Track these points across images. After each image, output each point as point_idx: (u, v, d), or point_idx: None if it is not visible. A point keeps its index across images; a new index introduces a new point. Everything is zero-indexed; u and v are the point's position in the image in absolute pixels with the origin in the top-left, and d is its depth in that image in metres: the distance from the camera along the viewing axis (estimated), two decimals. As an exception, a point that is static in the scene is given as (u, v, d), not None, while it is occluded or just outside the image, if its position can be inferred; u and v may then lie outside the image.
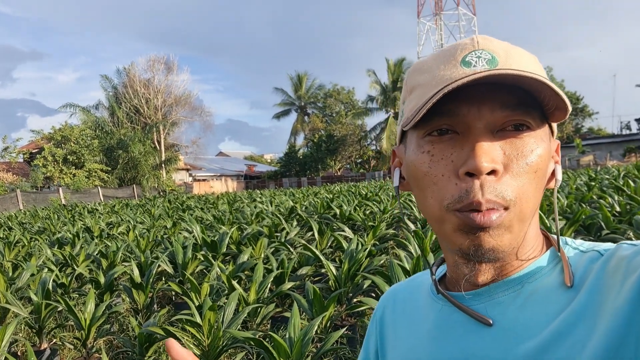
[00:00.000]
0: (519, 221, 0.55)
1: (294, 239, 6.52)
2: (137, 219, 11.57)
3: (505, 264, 0.59)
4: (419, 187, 0.60)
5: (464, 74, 0.54)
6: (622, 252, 0.53)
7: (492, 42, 0.57)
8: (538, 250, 0.62)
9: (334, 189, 18.98)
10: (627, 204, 6.06)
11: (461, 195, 0.54)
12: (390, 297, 0.80)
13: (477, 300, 0.61)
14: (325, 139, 48.71)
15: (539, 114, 0.57)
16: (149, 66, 41.15)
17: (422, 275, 0.79)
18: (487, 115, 0.55)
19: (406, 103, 0.62)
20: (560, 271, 0.58)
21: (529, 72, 0.51)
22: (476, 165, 0.53)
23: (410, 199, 9.66)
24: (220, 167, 58.05)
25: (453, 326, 0.62)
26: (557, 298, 0.55)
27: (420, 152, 0.59)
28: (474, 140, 0.55)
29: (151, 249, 6.79)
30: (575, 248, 0.61)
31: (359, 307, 3.69)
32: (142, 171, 34.85)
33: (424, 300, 0.71)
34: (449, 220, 0.56)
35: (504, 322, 0.57)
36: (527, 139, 0.56)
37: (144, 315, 4.53)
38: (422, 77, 0.60)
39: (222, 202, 16.62)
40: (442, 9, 60.21)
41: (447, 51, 0.59)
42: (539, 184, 0.57)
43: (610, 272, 0.52)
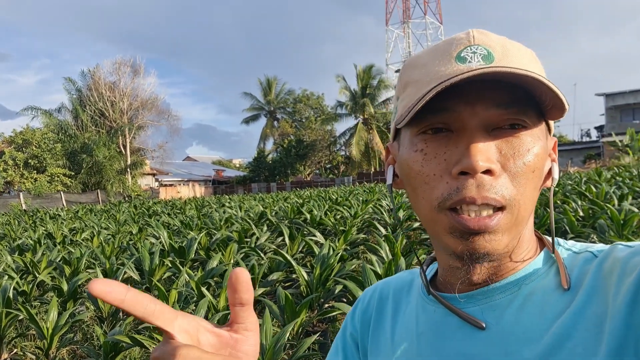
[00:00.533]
0: (516, 223, 0.54)
1: (264, 244, 6.45)
2: (101, 225, 11.28)
3: (501, 265, 0.58)
4: (411, 186, 0.58)
5: (458, 71, 0.52)
6: (617, 253, 0.52)
7: (489, 37, 0.56)
8: (533, 251, 0.60)
9: (304, 194, 18.95)
10: (590, 209, 6.23)
11: (450, 192, 0.53)
12: (377, 291, 0.78)
13: (472, 303, 0.59)
14: (294, 144, 48.68)
15: (535, 112, 0.55)
16: (115, 69, 40.37)
17: (411, 273, 0.76)
18: (482, 114, 0.53)
19: (400, 99, 0.61)
20: (556, 273, 0.56)
21: (525, 69, 0.49)
22: (471, 163, 0.51)
23: (380, 204, 9.72)
24: (188, 172, 57.28)
25: (447, 329, 0.60)
26: (555, 300, 0.54)
27: (413, 150, 0.57)
28: (468, 139, 0.53)
29: (116, 256, 6.62)
30: (568, 249, 0.60)
31: (331, 313, 3.66)
32: (106, 176, 34.10)
33: (414, 301, 0.69)
34: (440, 221, 0.55)
35: (502, 326, 0.55)
36: (524, 138, 0.54)
37: (109, 324, 4.39)
38: (416, 73, 0.58)
39: (190, 208, 16.38)
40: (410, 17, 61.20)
41: (442, 46, 0.57)
42: (536, 184, 0.56)
43: (606, 273, 0.51)
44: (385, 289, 0.77)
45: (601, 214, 5.53)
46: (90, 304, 4.82)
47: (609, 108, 38.92)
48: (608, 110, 39.06)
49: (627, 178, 11.48)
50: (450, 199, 0.53)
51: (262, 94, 53.29)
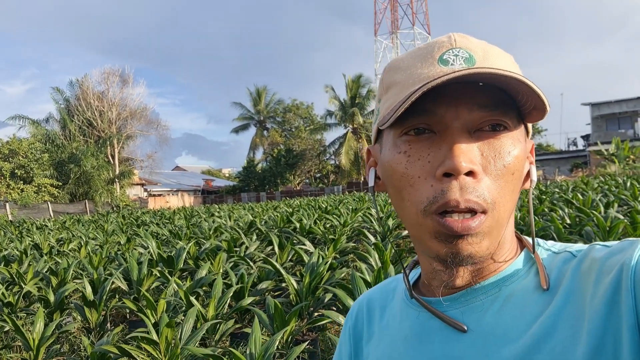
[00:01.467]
0: (497, 225, 0.55)
1: (253, 254, 6.43)
2: (89, 235, 11.16)
3: (483, 267, 0.59)
4: (395, 189, 0.59)
5: (441, 73, 0.53)
6: (595, 253, 0.53)
7: (470, 40, 0.57)
8: (513, 252, 0.61)
9: (294, 203, 18.92)
10: (577, 217, 6.28)
11: (436, 195, 0.53)
12: (364, 304, 0.78)
13: (454, 306, 0.60)
14: (284, 153, 48.64)
15: (515, 114, 0.56)
16: (104, 78, 40.21)
17: (395, 280, 0.77)
18: (464, 115, 0.54)
19: (382, 101, 0.61)
20: (536, 273, 0.57)
21: (507, 70, 0.50)
22: (454, 165, 0.51)
23: (369, 213, 9.73)
24: (177, 181, 56.93)
25: (431, 333, 0.61)
26: (535, 301, 0.54)
27: (397, 152, 0.57)
28: (451, 140, 0.53)
29: (104, 266, 6.55)
30: (548, 249, 0.60)
31: (321, 321, 3.65)
32: (94, 186, 33.78)
33: (398, 306, 0.69)
34: (425, 225, 0.55)
35: (483, 328, 0.56)
36: (505, 140, 0.55)
37: (96, 334, 4.34)
38: (398, 75, 0.58)
39: (179, 217, 16.28)
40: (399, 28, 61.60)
41: (424, 49, 0.58)
42: (516, 186, 0.56)
43: (585, 273, 0.52)
44: (370, 300, 0.77)
45: (587, 221, 5.59)
46: (77, 314, 4.77)
47: (595, 117, 39.39)
48: (594, 120, 39.53)
49: (613, 186, 11.62)
50: (436, 203, 0.53)
51: (252, 104, 53.30)
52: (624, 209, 7.01)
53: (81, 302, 4.47)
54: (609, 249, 0.52)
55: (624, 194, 8.44)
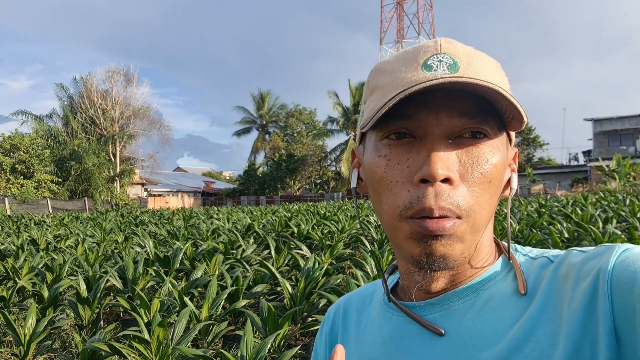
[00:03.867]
0: (472, 232, 0.55)
1: (250, 257, 6.42)
2: (87, 233, 11.16)
3: (459, 273, 0.59)
4: (375, 192, 0.59)
5: (424, 78, 0.53)
6: (572, 258, 0.53)
7: (455, 46, 0.57)
8: (492, 258, 0.61)
9: (293, 208, 18.91)
10: (575, 231, 6.28)
11: (412, 201, 0.53)
12: (340, 308, 0.78)
13: (430, 310, 0.60)
14: (285, 158, 48.68)
15: (496, 122, 0.56)
16: (108, 77, 40.32)
17: (373, 285, 0.77)
18: (444, 122, 0.54)
19: (367, 103, 0.61)
20: (513, 278, 0.58)
21: (487, 81, 0.51)
22: (430, 172, 0.52)
23: (368, 220, 9.72)
24: (177, 182, 56.97)
25: (408, 337, 0.61)
26: (512, 305, 0.54)
27: (377, 155, 0.58)
28: (430, 147, 0.54)
29: (100, 263, 6.54)
30: (525, 255, 0.61)
31: (314, 326, 3.64)
32: (95, 184, 33.80)
33: (376, 311, 0.69)
34: (401, 228, 0.55)
35: (461, 332, 0.56)
36: (484, 148, 0.55)
37: (89, 332, 4.33)
38: (382, 79, 0.59)
39: (178, 218, 16.27)
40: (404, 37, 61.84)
41: (410, 53, 0.58)
42: (493, 194, 0.57)
43: (562, 278, 0.52)
44: (348, 304, 0.77)
45: (585, 236, 5.58)
46: (70, 311, 4.76)
47: (597, 133, 39.44)
48: (596, 135, 39.58)
49: (612, 202, 11.61)
50: (411, 209, 0.53)
51: (255, 108, 53.43)
52: (622, 225, 7.01)
53: (75, 298, 4.46)
54: (586, 254, 0.53)
55: (623, 210, 8.44)
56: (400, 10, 61.86)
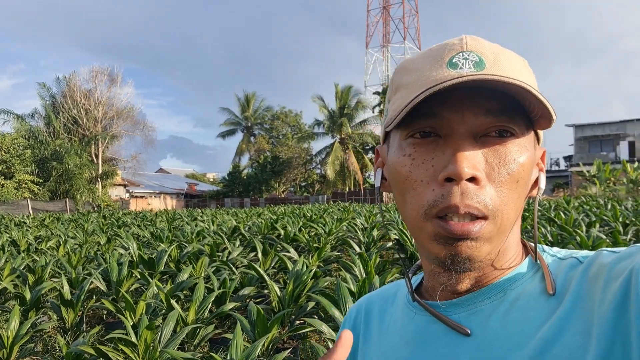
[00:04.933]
0: (499, 232, 0.54)
1: (236, 259, 6.37)
2: (68, 234, 10.98)
3: (485, 273, 0.58)
4: (399, 191, 0.59)
5: (449, 76, 0.52)
6: (602, 259, 0.52)
7: (481, 44, 0.56)
8: (519, 259, 0.60)
9: (278, 211, 18.86)
10: (559, 235, 6.35)
11: (436, 199, 0.53)
12: (362, 307, 0.78)
13: (456, 310, 0.59)
14: (270, 160, 48.57)
15: (524, 121, 0.56)
16: (92, 77, 39.88)
17: (395, 285, 0.76)
18: (470, 120, 0.54)
19: (391, 102, 0.61)
20: (541, 279, 0.57)
21: (514, 78, 0.50)
22: (456, 170, 0.51)
23: (354, 223, 9.72)
24: (160, 184, 56.42)
25: (433, 337, 0.60)
26: (541, 306, 0.53)
27: (402, 154, 0.57)
28: (455, 145, 0.53)
29: (83, 265, 6.44)
30: (553, 255, 0.60)
31: (302, 329, 3.62)
32: (76, 185, 33.33)
33: (400, 311, 0.69)
34: (426, 229, 0.55)
35: (487, 332, 0.55)
36: (510, 147, 0.54)
37: (72, 335, 4.24)
38: (407, 77, 0.58)
39: (161, 220, 16.12)
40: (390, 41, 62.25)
41: (435, 51, 0.58)
42: (520, 194, 0.56)
43: (592, 279, 0.51)
44: (370, 303, 0.77)
45: (570, 240, 5.64)
46: (53, 313, 4.66)
47: (578, 139, 40.08)
48: (577, 141, 40.22)
49: (594, 207, 11.78)
50: (436, 207, 0.53)
51: (240, 109, 53.23)
52: (605, 229, 7.10)
53: (58, 301, 4.37)
54: (617, 254, 0.52)
55: (605, 215, 8.56)
56: (386, 15, 62.27)
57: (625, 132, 38.76)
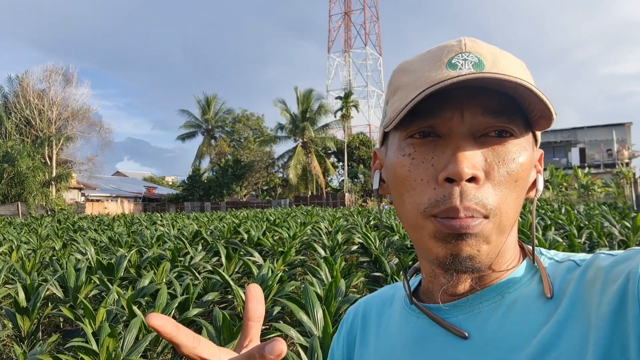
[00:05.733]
0: (498, 232, 0.54)
1: (198, 264, 6.26)
2: (21, 239, 10.54)
3: (484, 275, 0.58)
4: (398, 191, 0.58)
5: (449, 76, 0.52)
6: (600, 262, 0.53)
7: (480, 45, 0.56)
8: (516, 261, 0.60)
9: (240, 215, 18.67)
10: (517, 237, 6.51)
11: (438, 199, 0.52)
12: (359, 310, 0.77)
13: (455, 312, 0.58)
14: (231, 163, 48.09)
15: (523, 122, 0.56)
16: (45, 76, 38.59)
17: (392, 287, 0.76)
18: (470, 120, 0.53)
19: (389, 104, 0.60)
20: (539, 281, 0.57)
21: (514, 77, 0.50)
22: (457, 170, 0.51)
23: (318, 227, 9.73)
24: (117, 187, 54.96)
25: (431, 339, 0.60)
26: (539, 309, 0.53)
27: (401, 154, 0.57)
28: (455, 145, 0.53)
29: (38, 271, 6.19)
30: (551, 258, 0.60)
31: (270, 334, 3.58)
32: (28, 188, 32.09)
33: (397, 313, 0.68)
34: (425, 227, 0.54)
35: (485, 334, 0.55)
36: (510, 147, 0.54)
37: (29, 343, 4.07)
38: (406, 78, 0.58)
39: (119, 224, 15.70)
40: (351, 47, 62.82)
41: (433, 52, 0.57)
42: (519, 194, 0.56)
43: (589, 282, 0.51)
44: (367, 306, 0.76)
45: (528, 243, 5.80)
46: (7, 321, 4.46)
47: (533, 145, 41.38)
48: (531, 147, 41.51)
49: (549, 210, 12.18)
50: (437, 207, 0.52)
51: (200, 112, 52.54)
52: (560, 233, 7.34)
53: (12, 308, 4.18)
54: (614, 257, 0.52)
55: (560, 218, 8.86)
56: (348, 20, 62.83)
57: (576, 139, 40.36)
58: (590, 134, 40.03)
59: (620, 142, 39.21)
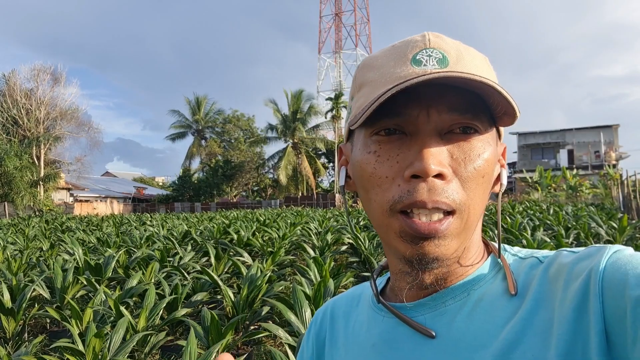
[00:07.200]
0: (466, 228, 0.54)
1: (188, 264, 6.23)
2: (8, 239, 10.44)
3: (450, 271, 0.58)
4: (364, 188, 0.58)
5: (414, 73, 0.52)
6: (562, 259, 0.53)
7: (444, 41, 0.56)
8: (480, 257, 0.60)
9: (230, 215, 18.61)
10: (506, 238, 6.56)
11: (402, 195, 0.52)
12: (327, 311, 0.76)
13: (421, 311, 0.58)
14: (222, 164, 47.93)
15: (487, 117, 0.56)
16: (33, 75, 38.15)
17: (360, 287, 0.75)
18: (435, 118, 0.53)
19: (354, 100, 0.60)
20: (503, 278, 0.57)
21: (479, 75, 0.50)
22: (423, 167, 0.50)
23: (308, 227, 9.72)
24: (106, 188, 54.54)
25: (399, 339, 0.59)
26: (503, 306, 0.54)
27: (367, 151, 0.56)
28: (421, 143, 0.52)
29: (24, 272, 6.13)
30: (514, 254, 0.60)
31: (258, 334, 3.57)
32: (16, 188, 31.76)
33: (365, 313, 0.68)
34: (391, 225, 0.54)
35: (452, 333, 0.55)
36: (475, 143, 0.54)
37: (14, 345, 4.02)
38: (371, 74, 0.57)
39: (108, 225, 15.59)
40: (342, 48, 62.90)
41: (398, 48, 0.57)
42: (485, 189, 0.56)
43: (552, 279, 0.52)
44: (336, 307, 0.75)
45: (517, 243, 5.85)
46: (-9, 323, 4.41)
47: (521, 146, 41.70)
48: (520, 148, 41.83)
49: (538, 211, 12.28)
50: (401, 202, 0.52)
51: (190, 112, 52.31)
52: (548, 233, 7.40)
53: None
54: (576, 254, 0.52)
55: (549, 219, 8.93)
56: (339, 21, 62.91)
57: (564, 141, 40.68)
58: (578, 136, 40.37)
59: (607, 143, 39.59)
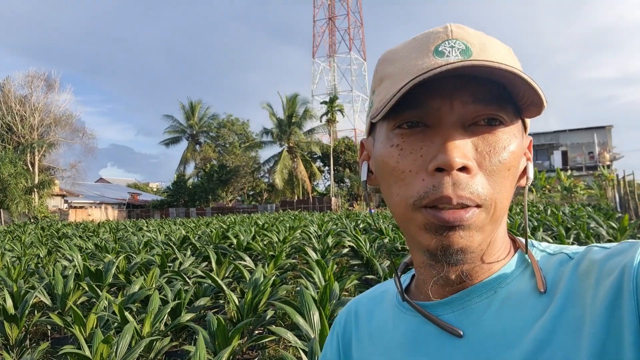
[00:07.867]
0: (492, 221, 0.52)
1: (188, 269, 6.19)
2: (5, 246, 10.36)
3: (475, 267, 0.56)
4: (386, 183, 0.57)
5: (436, 64, 0.50)
6: (593, 255, 0.52)
7: (467, 32, 0.54)
8: (506, 253, 0.59)
9: (227, 220, 18.56)
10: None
11: (427, 190, 0.51)
12: (352, 311, 0.75)
13: (447, 309, 0.57)
14: (217, 169, 47.85)
15: (512, 109, 0.54)
16: (27, 82, 38.08)
17: (382, 285, 0.74)
18: (459, 109, 0.52)
19: (375, 93, 0.58)
20: (531, 275, 0.55)
21: (504, 64, 0.48)
22: (447, 160, 0.49)
23: (308, 231, 9.70)
24: (101, 194, 54.31)
25: (426, 338, 0.58)
26: (532, 304, 0.52)
27: (389, 145, 0.55)
28: (445, 135, 0.51)
29: (24, 279, 6.07)
30: (543, 250, 0.59)
31: (265, 338, 3.55)
32: (11, 194, 31.61)
33: (390, 312, 0.66)
34: (415, 219, 0.53)
35: (480, 332, 0.54)
36: (500, 135, 0.53)
37: (18, 352, 3.98)
38: (392, 67, 0.56)
39: (104, 231, 15.52)
40: (336, 52, 63.09)
41: (419, 40, 0.56)
42: (512, 182, 0.54)
43: (583, 275, 0.50)
44: (358, 306, 0.74)
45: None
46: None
47: (516, 148, 41.84)
48: (515, 150, 41.97)
49: (535, 212, 12.31)
50: (426, 198, 0.51)
51: (185, 117, 52.25)
52: (548, 234, 7.42)
53: (1, 316, 4.10)
54: (608, 250, 0.51)
55: (548, 220, 8.95)
56: (332, 25, 63.12)
57: (558, 142, 40.93)
58: (572, 137, 40.63)
59: (601, 144, 39.86)
